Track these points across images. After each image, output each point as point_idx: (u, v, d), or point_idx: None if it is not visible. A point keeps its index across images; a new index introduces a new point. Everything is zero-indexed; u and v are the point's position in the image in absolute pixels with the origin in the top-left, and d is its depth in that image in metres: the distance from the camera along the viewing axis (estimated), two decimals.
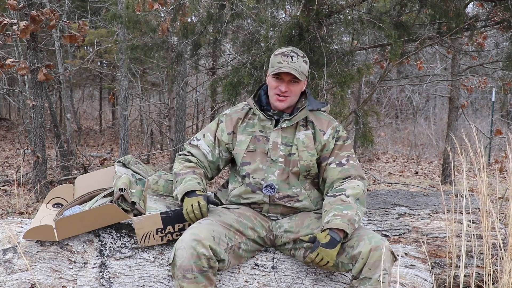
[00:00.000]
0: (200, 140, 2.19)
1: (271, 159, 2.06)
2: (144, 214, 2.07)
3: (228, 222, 2.00)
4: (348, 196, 1.97)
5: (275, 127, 2.09)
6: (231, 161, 2.23)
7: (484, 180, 2.17)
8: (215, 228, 1.91)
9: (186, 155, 2.19)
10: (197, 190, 2.01)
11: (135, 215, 2.08)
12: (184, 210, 1.98)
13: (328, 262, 1.86)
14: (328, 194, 2.04)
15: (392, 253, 1.88)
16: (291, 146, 2.07)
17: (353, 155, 2.11)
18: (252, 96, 2.17)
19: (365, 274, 1.83)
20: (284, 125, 2.07)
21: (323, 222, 1.93)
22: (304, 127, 2.10)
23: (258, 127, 2.11)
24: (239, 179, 2.14)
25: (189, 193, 2.01)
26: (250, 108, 2.16)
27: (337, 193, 2.00)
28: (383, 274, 1.80)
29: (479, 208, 2.52)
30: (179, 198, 2.03)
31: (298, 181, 2.08)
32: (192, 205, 1.97)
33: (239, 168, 2.11)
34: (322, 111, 2.16)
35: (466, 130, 7.97)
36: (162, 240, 2.07)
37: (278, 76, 2.04)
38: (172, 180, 2.34)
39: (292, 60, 2.01)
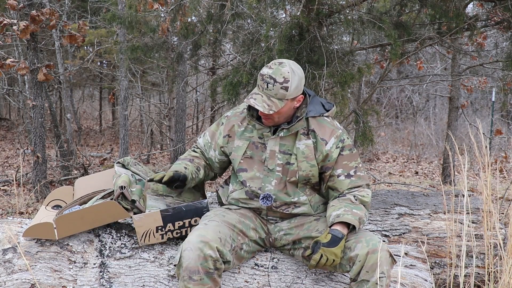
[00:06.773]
0: (201, 138, 2.26)
1: (268, 168, 2.02)
2: (144, 212, 2.07)
3: (232, 222, 1.99)
4: (356, 199, 1.99)
5: (273, 135, 2.03)
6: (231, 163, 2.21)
7: (488, 180, 2.17)
8: (222, 230, 1.90)
9: (195, 146, 2.29)
10: (177, 171, 2.08)
11: (135, 214, 2.08)
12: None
13: (334, 260, 1.84)
14: (337, 197, 2.05)
15: (391, 255, 1.88)
16: (290, 154, 2.01)
17: (360, 165, 2.06)
18: None
19: (363, 276, 1.82)
20: (281, 134, 2.01)
21: (332, 216, 1.92)
22: (305, 136, 2.02)
23: (257, 133, 2.06)
24: (239, 182, 2.13)
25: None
26: None
27: (346, 195, 2.01)
28: (381, 277, 1.80)
29: (479, 208, 2.52)
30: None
31: (297, 189, 2.05)
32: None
33: (237, 174, 2.10)
34: (325, 116, 2.06)
35: (466, 130, 7.97)
36: (162, 238, 2.07)
37: None
38: None
39: (267, 87, 1.89)
